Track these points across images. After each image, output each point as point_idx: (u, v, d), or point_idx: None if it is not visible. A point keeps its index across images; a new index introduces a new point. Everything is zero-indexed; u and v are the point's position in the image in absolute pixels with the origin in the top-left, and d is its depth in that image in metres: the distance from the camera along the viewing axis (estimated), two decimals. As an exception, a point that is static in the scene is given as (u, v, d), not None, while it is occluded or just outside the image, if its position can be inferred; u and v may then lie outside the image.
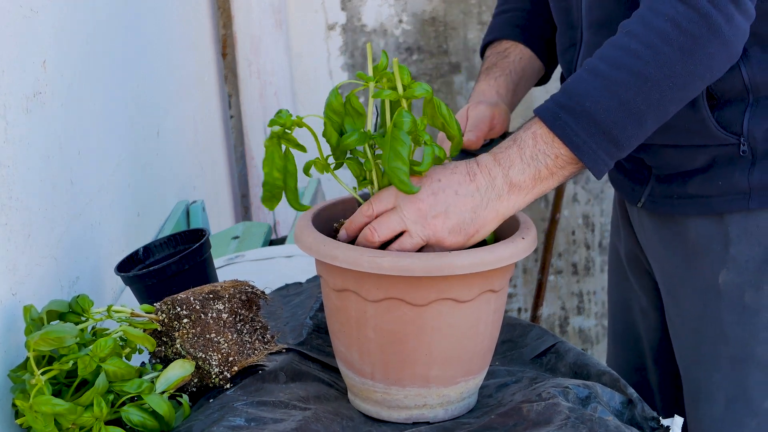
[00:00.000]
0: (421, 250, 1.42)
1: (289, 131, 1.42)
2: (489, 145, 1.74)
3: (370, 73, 1.41)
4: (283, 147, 1.43)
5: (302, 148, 1.43)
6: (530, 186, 1.40)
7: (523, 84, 1.83)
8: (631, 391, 1.50)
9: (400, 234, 1.40)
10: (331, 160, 1.45)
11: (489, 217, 1.39)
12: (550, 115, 1.40)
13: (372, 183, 1.45)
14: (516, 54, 1.84)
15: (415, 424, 1.46)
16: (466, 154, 1.72)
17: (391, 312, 1.39)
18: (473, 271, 1.37)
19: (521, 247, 1.41)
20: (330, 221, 1.52)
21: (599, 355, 3.54)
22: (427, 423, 1.46)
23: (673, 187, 1.65)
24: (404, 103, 1.40)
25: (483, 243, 1.47)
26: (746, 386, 1.64)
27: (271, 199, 1.45)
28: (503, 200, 1.39)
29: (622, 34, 1.41)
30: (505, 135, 1.76)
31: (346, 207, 1.53)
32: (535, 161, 1.40)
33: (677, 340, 1.74)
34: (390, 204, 1.40)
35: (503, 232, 1.46)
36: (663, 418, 1.47)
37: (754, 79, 1.54)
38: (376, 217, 1.41)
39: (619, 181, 1.78)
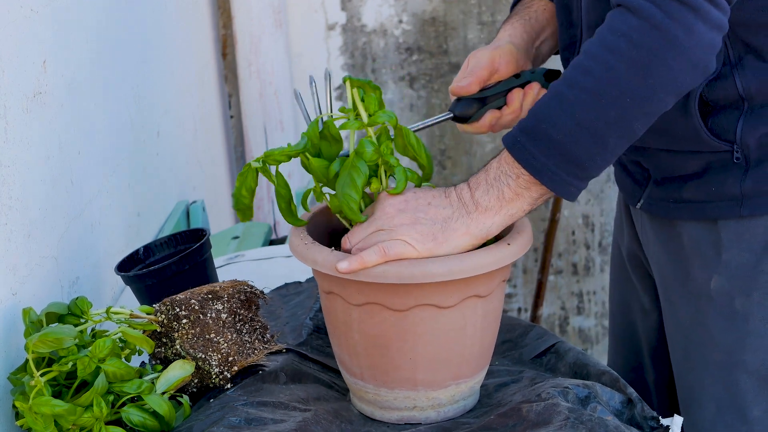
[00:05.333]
0: None
1: (273, 162, 1.44)
2: (496, 86, 1.68)
3: (349, 104, 1.43)
4: (273, 169, 1.45)
5: (277, 180, 1.45)
6: (497, 207, 1.40)
7: (548, 34, 1.78)
8: (630, 390, 1.50)
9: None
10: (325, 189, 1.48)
11: (459, 230, 1.39)
12: (510, 138, 1.41)
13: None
14: (540, 5, 1.79)
15: (413, 425, 1.46)
16: (472, 100, 1.67)
17: (374, 316, 1.40)
18: (450, 279, 1.37)
19: (505, 253, 1.40)
20: (326, 225, 1.52)
21: (599, 355, 3.54)
22: (426, 424, 1.46)
23: (669, 191, 1.64)
24: (370, 132, 1.42)
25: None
26: (735, 393, 1.62)
27: (243, 211, 1.47)
28: (473, 218, 1.40)
29: (580, 53, 1.41)
30: (519, 75, 1.70)
31: None
32: (497, 182, 1.40)
33: (671, 344, 1.73)
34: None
35: (501, 232, 1.46)
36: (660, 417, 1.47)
37: (749, 88, 1.52)
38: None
39: (622, 181, 1.77)
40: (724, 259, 1.60)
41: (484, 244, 1.43)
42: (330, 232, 1.51)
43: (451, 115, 1.68)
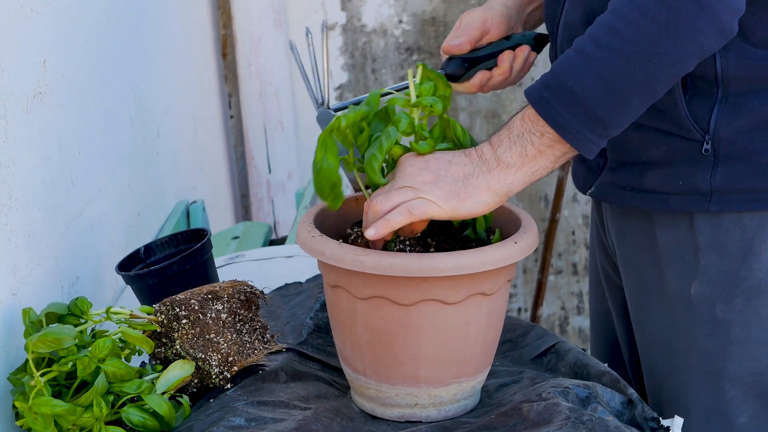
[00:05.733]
0: (424, 237, 1.44)
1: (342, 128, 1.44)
2: (487, 47, 1.69)
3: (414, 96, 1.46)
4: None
5: (348, 144, 1.45)
6: (519, 164, 1.41)
7: (541, 1, 1.77)
8: (631, 391, 1.50)
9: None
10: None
11: (481, 186, 1.41)
12: (535, 94, 1.41)
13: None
14: None
15: (413, 423, 1.46)
16: (463, 60, 1.69)
17: (378, 310, 1.40)
18: (456, 274, 1.37)
19: (512, 251, 1.40)
20: (334, 219, 1.52)
21: (599, 355, 3.54)
22: (427, 422, 1.46)
23: (626, 178, 1.61)
24: (415, 113, 1.44)
25: (488, 243, 1.47)
26: (721, 401, 1.60)
27: (335, 198, 1.45)
28: (494, 174, 1.41)
29: (607, 12, 1.40)
30: (510, 37, 1.71)
31: (350, 206, 1.53)
32: (521, 139, 1.41)
33: (648, 350, 1.69)
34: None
35: (508, 232, 1.46)
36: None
37: (727, 70, 1.50)
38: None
39: (576, 170, 1.73)
40: (703, 264, 1.57)
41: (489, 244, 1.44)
42: (338, 230, 1.52)
43: (442, 73, 1.69)
